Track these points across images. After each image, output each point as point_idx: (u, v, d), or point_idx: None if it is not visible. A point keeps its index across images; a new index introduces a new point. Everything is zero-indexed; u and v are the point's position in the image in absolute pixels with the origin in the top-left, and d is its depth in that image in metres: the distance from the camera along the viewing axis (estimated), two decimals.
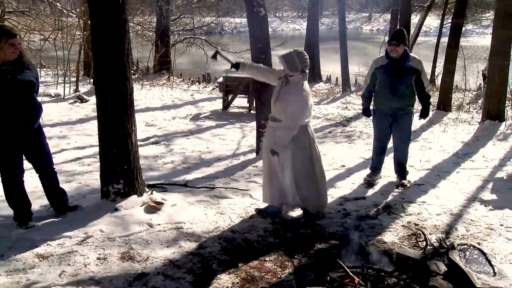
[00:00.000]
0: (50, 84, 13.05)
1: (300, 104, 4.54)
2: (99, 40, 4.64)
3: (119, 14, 4.57)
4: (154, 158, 7.05)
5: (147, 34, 17.72)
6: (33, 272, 3.80)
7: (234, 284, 3.68)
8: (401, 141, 5.83)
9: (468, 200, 5.45)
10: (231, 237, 4.47)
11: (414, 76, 5.57)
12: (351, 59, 14.25)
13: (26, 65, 4.26)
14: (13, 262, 3.92)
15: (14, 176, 4.48)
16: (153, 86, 14.02)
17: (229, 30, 38.66)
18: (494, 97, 8.93)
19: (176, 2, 18.29)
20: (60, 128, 8.67)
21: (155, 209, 4.90)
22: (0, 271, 3.79)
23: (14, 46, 4.07)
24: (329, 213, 5.08)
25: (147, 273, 3.81)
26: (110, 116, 4.79)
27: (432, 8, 17.14)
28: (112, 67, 4.66)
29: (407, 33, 6.35)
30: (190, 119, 9.83)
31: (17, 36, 4.10)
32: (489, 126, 8.74)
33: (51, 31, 13.61)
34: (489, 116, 8.91)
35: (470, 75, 14.42)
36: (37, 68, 5.77)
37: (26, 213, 4.61)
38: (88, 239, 4.34)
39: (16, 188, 4.53)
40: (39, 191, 5.45)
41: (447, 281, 3.46)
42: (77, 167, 6.50)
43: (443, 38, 14.90)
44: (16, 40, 4.07)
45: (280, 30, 38.77)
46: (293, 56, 4.55)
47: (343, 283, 3.45)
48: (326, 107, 11.36)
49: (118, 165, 4.88)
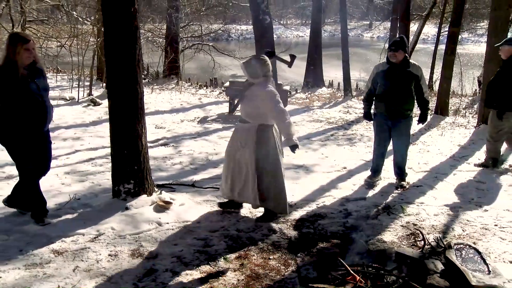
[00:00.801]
0: (66, 88, 13.09)
1: (271, 95, 4.55)
2: (112, 46, 4.66)
3: (131, 21, 4.58)
4: (163, 159, 7.05)
5: (157, 41, 17.77)
6: (49, 266, 3.81)
7: (240, 281, 3.67)
8: (400, 144, 5.80)
9: (464, 201, 5.42)
10: (237, 236, 4.46)
11: (413, 81, 5.55)
12: (352, 65, 14.21)
13: (40, 70, 4.41)
14: (30, 257, 3.94)
15: (32, 175, 4.51)
16: (163, 90, 14.03)
17: (235, 36, 38.69)
18: None
19: (185, 10, 18.31)
20: (74, 130, 8.69)
21: (164, 208, 4.89)
22: (19, 264, 3.82)
23: (29, 51, 4.20)
24: (331, 213, 5.06)
25: (156, 269, 3.81)
26: (122, 119, 4.79)
27: (429, 17, 17.09)
28: (124, 72, 4.67)
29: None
30: (198, 122, 9.83)
31: (31, 42, 4.25)
32: (484, 130, 8.61)
33: (67, 38, 13.71)
34: (485, 120, 8.81)
35: (466, 81, 14.36)
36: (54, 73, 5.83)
37: (42, 210, 4.63)
38: (100, 236, 4.35)
39: (33, 186, 4.56)
40: (54, 190, 5.48)
41: (444, 279, 3.44)
42: (90, 167, 6.51)
43: (441, 45, 14.89)
44: (30, 45, 4.21)
45: (284, 37, 38.79)
46: (252, 63, 4.57)
47: (344, 281, 3.43)
48: (329, 111, 11.33)
49: (129, 165, 4.89)
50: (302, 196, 5.54)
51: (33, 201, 4.60)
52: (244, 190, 4.77)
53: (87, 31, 14.07)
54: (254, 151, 4.63)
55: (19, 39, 4.19)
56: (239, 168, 4.74)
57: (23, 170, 4.48)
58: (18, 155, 4.39)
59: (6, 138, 4.33)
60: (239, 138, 4.73)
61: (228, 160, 4.85)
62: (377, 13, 40.65)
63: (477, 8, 21.07)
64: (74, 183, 5.80)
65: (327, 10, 39.46)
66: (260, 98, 4.57)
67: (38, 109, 4.32)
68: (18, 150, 4.36)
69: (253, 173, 4.65)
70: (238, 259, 4.03)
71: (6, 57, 4.16)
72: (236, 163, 4.76)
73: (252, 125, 4.65)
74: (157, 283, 3.61)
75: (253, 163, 4.64)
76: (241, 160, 4.71)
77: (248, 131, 4.66)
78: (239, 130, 4.80)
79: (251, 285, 3.63)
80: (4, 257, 3.91)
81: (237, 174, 4.77)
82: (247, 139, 4.66)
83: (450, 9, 13.36)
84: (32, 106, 4.26)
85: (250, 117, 4.68)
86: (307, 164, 6.86)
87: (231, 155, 4.81)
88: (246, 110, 4.72)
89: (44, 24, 15.65)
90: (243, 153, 4.67)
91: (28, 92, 4.21)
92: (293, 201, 5.37)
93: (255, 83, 4.65)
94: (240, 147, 4.69)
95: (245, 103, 4.71)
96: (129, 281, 3.63)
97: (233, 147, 4.79)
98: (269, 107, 4.57)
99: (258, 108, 4.60)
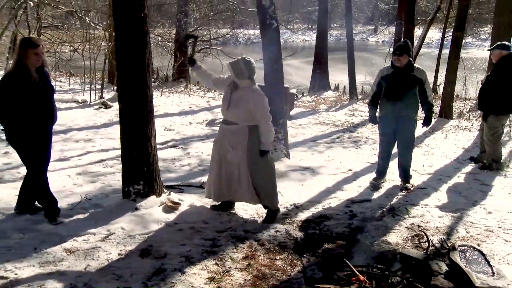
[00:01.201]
0: (78, 91, 13.15)
1: (265, 100, 4.60)
2: (123, 50, 4.67)
3: (141, 26, 4.59)
4: (172, 160, 7.06)
5: (166, 45, 17.83)
6: (62, 264, 3.82)
7: (246, 281, 3.66)
8: (405, 147, 5.78)
9: (468, 203, 5.38)
10: (244, 236, 4.44)
11: (417, 85, 5.52)
12: (358, 69, 14.20)
13: (46, 73, 4.52)
14: (44, 255, 3.96)
15: (42, 173, 4.56)
16: (172, 93, 14.08)
17: (243, 41, 38.76)
18: None
19: (194, 15, 18.35)
20: (86, 132, 8.72)
21: (173, 209, 4.89)
22: (34, 262, 3.84)
23: (38, 55, 4.31)
24: (336, 214, 5.03)
25: (164, 269, 3.80)
26: (132, 121, 4.80)
27: (434, 22, 17.02)
28: (134, 75, 4.68)
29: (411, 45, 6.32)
30: (206, 124, 9.83)
31: (40, 46, 4.36)
32: None
33: (80, 42, 13.80)
34: None
35: (470, 84, 14.28)
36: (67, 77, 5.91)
37: (54, 209, 4.66)
38: (111, 236, 4.35)
39: (43, 183, 4.60)
40: (66, 190, 5.50)
41: (448, 280, 3.42)
42: (101, 168, 6.53)
43: (445, 50, 14.83)
44: (40, 49, 4.33)
45: (291, 41, 38.75)
46: (240, 64, 4.53)
47: (349, 281, 3.41)
48: (334, 114, 11.31)
49: (139, 167, 4.89)
50: (308, 198, 5.52)
51: (44, 199, 4.64)
52: (239, 190, 4.75)
53: (99, 36, 14.16)
54: (247, 151, 4.63)
55: (29, 44, 4.30)
56: (231, 169, 4.73)
57: (32, 168, 4.52)
58: (28, 154, 4.45)
59: (16, 138, 4.40)
60: (228, 141, 4.68)
61: (219, 163, 4.79)
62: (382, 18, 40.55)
63: (481, 13, 20.99)
64: (85, 184, 5.82)
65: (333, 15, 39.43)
66: (253, 102, 4.55)
67: (46, 109, 4.43)
68: (28, 149, 4.43)
69: (246, 172, 4.66)
70: (245, 259, 4.01)
71: (18, 60, 4.27)
72: (228, 165, 4.73)
73: (242, 127, 4.62)
74: (166, 282, 3.61)
75: (245, 163, 4.64)
76: (233, 160, 4.68)
77: (239, 133, 4.63)
78: (226, 133, 4.73)
79: (257, 284, 3.61)
80: (20, 254, 3.94)
81: (231, 174, 4.75)
82: (238, 141, 4.63)
83: (454, 14, 13.31)
84: (41, 107, 4.37)
85: (239, 119, 4.62)
86: (313, 166, 6.84)
87: (221, 158, 4.76)
88: (235, 112, 4.63)
89: (58, 29, 15.79)
90: (235, 154, 4.65)
91: (38, 93, 4.32)
92: (299, 203, 5.35)
93: (240, 85, 4.60)
94: (231, 149, 4.66)
95: (234, 105, 4.61)
96: (138, 280, 3.63)
97: (222, 149, 4.74)
98: (261, 112, 4.58)
99: (249, 111, 4.58)
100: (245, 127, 4.62)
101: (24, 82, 4.21)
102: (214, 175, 4.86)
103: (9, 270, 3.68)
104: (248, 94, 4.57)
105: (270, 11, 6.68)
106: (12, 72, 4.25)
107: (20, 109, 4.26)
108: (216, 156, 4.85)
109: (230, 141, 4.68)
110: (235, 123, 4.65)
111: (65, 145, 7.70)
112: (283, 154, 7.01)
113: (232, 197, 4.87)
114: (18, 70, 4.23)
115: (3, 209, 4.88)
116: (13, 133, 4.37)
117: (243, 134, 4.62)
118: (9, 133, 4.38)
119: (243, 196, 4.80)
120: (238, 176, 4.71)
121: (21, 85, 4.21)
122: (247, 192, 4.72)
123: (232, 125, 4.68)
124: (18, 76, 4.21)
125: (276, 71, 6.86)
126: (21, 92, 4.22)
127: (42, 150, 4.52)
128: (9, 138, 4.41)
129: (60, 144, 7.71)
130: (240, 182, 4.71)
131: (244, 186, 4.71)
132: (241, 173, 4.69)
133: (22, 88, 4.22)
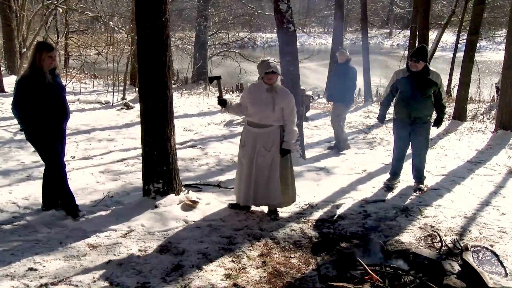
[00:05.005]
0: (102, 93, 13.31)
1: (294, 100, 4.66)
2: (144, 53, 4.70)
3: (162, 30, 4.62)
4: (191, 160, 7.09)
5: (186, 48, 17.95)
6: (85, 259, 3.87)
7: (262, 278, 3.65)
8: (419, 148, 5.71)
9: (482, 204, 5.29)
10: (260, 235, 4.43)
11: (432, 88, 5.45)
12: (373, 71, 14.09)
13: (57, 74, 4.62)
14: (69, 250, 4.02)
15: (61, 168, 4.63)
16: (191, 95, 14.16)
17: (260, 44, 38.72)
18: (506, 108, 8.77)
19: (213, 19, 18.43)
20: (108, 131, 8.82)
21: (191, 207, 4.91)
22: (60, 256, 3.91)
23: (52, 58, 4.41)
24: (350, 214, 5.00)
25: (183, 265, 3.81)
26: (152, 122, 4.83)
27: (448, 25, 16.80)
28: (155, 77, 4.71)
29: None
30: (224, 125, 9.86)
31: (54, 50, 4.48)
32: (502, 135, 8.55)
33: (104, 46, 13.99)
34: (502, 125, 8.74)
35: (484, 87, 14.08)
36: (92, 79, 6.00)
37: (73, 206, 4.73)
38: (131, 232, 4.39)
39: (62, 180, 4.67)
40: (89, 188, 5.56)
41: (460, 280, 3.36)
42: (122, 167, 6.59)
43: (459, 53, 14.62)
44: (54, 53, 4.44)
45: (307, 45, 38.56)
46: (273, 62, 4.57)
47: (362, 280, 3.39)
48: (349, 115, 11.22)
49: (158, 166, 4.92)
50: (323, 198, 5.49)
51: (62, 195, 4.70)
52: (265, 193, 4.72)
53: (122, 39, 14.33)
54: (278, 152, 4.61)
55: (45, 47, 4.40)
56: (261, 172, 4.67)
57: (52, 163, 4.59)
58: (48, 150, 4.54)
59: (36, 136, 4.48)
60: (261, 143, 4.61)
61: (249, 168, 4.70)
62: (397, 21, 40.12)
63: (496, 17, 20.64)
64: (107, 182, 5.88)
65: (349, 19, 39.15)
66: (286, 102, 4.54)
67: (61, 107, 4.52)
68: (47, 145, 4.51)
69: (276, 173, 4.63)
70: (261, 257, 4.00)
71: (32, 63, 4.36)
72: (258, 169, 4.67)
73: (274, 128, 4.60)
74: (184, 278, 3.62)
75: (277, 163, 4.62)
76: (262, 164, 4.64)
77: (273, 135, 4.60)
78: (258, 136, 4.63)
79: (272, 282, 3.60)
80: (47, 248, 4.03)
81: (260, 179, 4.69)
82: (273, 142, 4.60)
83: (468, 18, 13.11)
84: (56, 105, 4.46)
85: (272, 120, 4.57)
86: (328, 166, 6.81)
87: (250, 162, 4.67)
88: (269, 114, 4.53)
89: (84, 34, 16.05)
90: (267, 157, 4.62)
91: (53, 93, 4.41)
92: (314, 202, 5.32)
93: (273, 81, 4.52)
94: (265, 152, 4.61)
95: (267, 107, 4.52)
96: (157, 275, 3.65)
97: (252, 153, 4.65)
98: (291, 111, 4.58)
99: (281, 111, 4.56)
100: (276, 128, 4.61)
101: (39, 84, 4.31)
102: (245, 180, 4.76)
103: (38, 263, 3.76)
104: (279, 94, 4.55)
105: (287, 15, 6.66)
106: (28, 75, 4.34)
107: (38, 109, 4.36)
108: (246, 162, 4.73)
109: (263, 144, 4.61)
110: (269, 125, 4.60)
111: (89, 144, 7.80)
112: (299, 155, 6.99)
113: (259, 202, 4.83)
114: (34, 73, 4.32)
115: (33, 204, 4.98)
116: (32, 132, 4.45)
117: (276, 135, 4.61)
118: (29, 132, 4.46)
119: (268, 199, 4.76)
120: (267, 178, 4.67)
121: (37, 86, 4.31)
122: (273, 194, 4.69)
123: (265, 127, 4.60)
124: (34, 78, 4.31)
125: (293, 73, 6.84)
126: (37, 93, 4.32)
127: (59, 146, 4.62)
128: (29, 137, 4.50)
129: (84, 143, 7.81)
130: (268, 185, 4.69)
131: (274, 185, 4.67)
132: (270, 175, 4.66)
133: (38, 89, 4.32)
